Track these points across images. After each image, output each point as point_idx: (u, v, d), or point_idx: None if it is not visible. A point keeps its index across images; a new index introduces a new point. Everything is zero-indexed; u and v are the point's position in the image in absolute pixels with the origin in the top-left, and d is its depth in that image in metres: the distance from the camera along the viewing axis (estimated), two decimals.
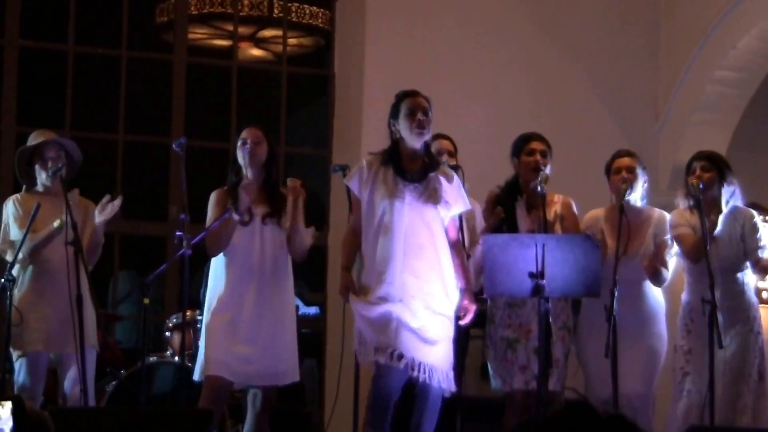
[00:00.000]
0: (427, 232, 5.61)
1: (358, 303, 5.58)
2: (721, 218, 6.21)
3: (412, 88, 5.78)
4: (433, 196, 5.63)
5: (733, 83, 8.41)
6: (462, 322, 5.69)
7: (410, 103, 5.64)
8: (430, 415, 5.58)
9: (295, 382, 6.04)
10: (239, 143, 6.02)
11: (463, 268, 5.72)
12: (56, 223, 5.99)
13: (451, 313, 5.62)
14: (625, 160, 6.33)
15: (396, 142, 5.69)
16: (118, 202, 6.13)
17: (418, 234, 5.58)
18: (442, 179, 5.69)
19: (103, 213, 6.10)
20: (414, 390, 5.63)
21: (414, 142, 5.65)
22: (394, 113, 5.70)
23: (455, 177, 5.75)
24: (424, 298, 5.54)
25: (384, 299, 5.52)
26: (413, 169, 5.65)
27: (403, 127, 5.64)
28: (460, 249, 5.75)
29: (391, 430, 5.62)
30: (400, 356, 5.47)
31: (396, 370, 5.49)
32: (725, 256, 6.18)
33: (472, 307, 5.67)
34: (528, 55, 8.53)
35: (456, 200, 5.70)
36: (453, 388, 5.58)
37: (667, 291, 6.40)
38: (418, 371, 5.48)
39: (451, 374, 5.58)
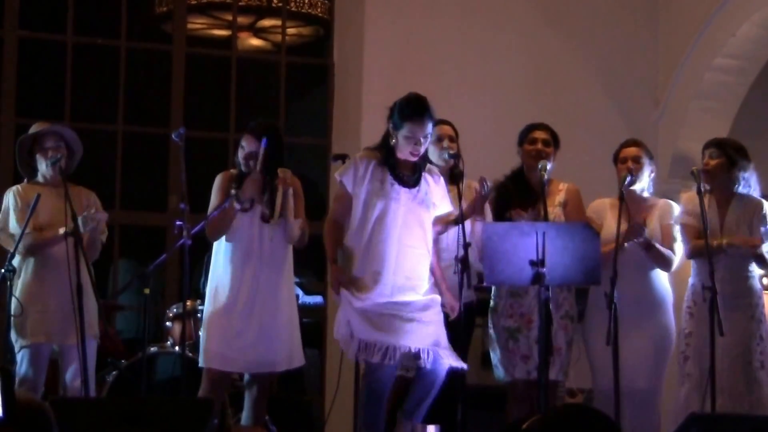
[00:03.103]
0: (419, 232, 5.70)
1: (351, 296, 5.61)
2: (731, 209, 6.21)
3: (417, 98, 5.69)
4: (425, 199, 5.72)
5: (733, 71, 8.41)
6: (452, 319, 5.73)
7: (412, 130, 5.63)
8: (431, 397, 5.61)
9: (295, 371, 6.05)
10: (240, 147, 5.98)
11: (439, 267, 5.82)
12: (62, 231, 5.93)
13: (438, 302, 5.70)
14: (632, 150, 6.32)
15: (391, 144, 5.71)
16: (101, 216, 6.08)
17: (411, 235, 5.68)
18: (430, 180, 5.78)
19: (86, 225, 6.03)
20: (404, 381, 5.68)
21: (406, 159, 5.70)
22: (396, 122, 5.68)
23: (441, 178, 5.84)
24: (415, 292, 5.63)
25: (375, 297, 5.59)
26: (408, 172, 5.71)
27: (399, 144, 5.67)
28: (436, 249, 5.85)
29: (386, 425, 5.66)
30: (395, 350, 5.51)
31: (386, 366, 5.53)
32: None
33: (456, 304, 5.71)
34: (528, 44, 8.53)
35: (441, 201, 5.80)
36: (462, 364, 5.61)
37: (675, 279, 6.39)
38: (421, 357, 5.52)
39: (453, 354, 5.61)
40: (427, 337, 5.59)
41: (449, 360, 5.60)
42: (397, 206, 5.66)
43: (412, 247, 5.66)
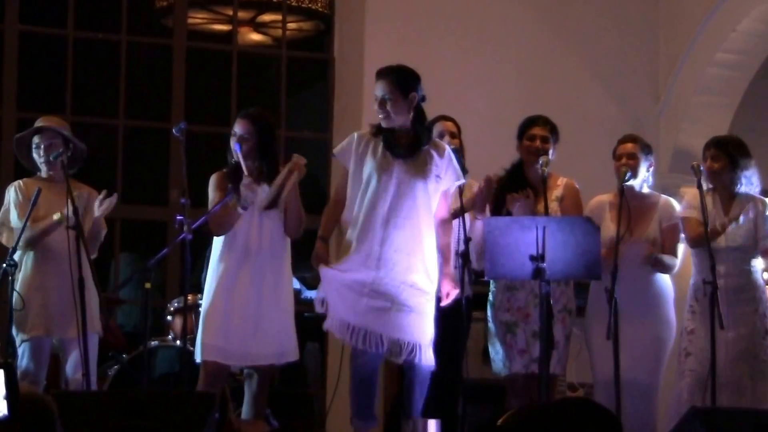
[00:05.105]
0: (412, 206, 5.61)
1: (329, 270, 5.59)
2: (735, 207, 6.22)
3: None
4: (421, 171, 5.64)
5: (734, 66, 8.41)
6: (442, 304, 5.71)
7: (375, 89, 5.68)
8: (419, 389, 5.60)
9: (295, 364, 6.06)
10: (231, 134, 5.97)
11: (447, 249, 5.74)
12: (56, 217, 5.98)
13: (431, 290, 5.64)
14: (628, 146, 6.31)
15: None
16: (114, 199, 6.14)
17: (402, 207, 5.59)
18: (434, 153, 5.70)
19: (100, 208, 6.11)
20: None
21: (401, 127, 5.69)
22: None
23: (447, 150, 5.76)
24: (404, 271, 5.57)
25: (358, 268, 5.55)
26: (403, 144, 5.66)
27: None
28: (447, 228, 5.77)
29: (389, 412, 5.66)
30: (372, 336, 5.49)
31: (369, 351, 5.52)
32: (734, 238, 6.18)
33: (454, 291, 5.69)
34: (528, 39, 8.53)
35: (446, 173, 5.72)
36: (431, 363, 5.59)
37: (676, 275, 6.38)
38: (396, 348, 5.51)
39: (430, 350, 5.59)
40: (406, 329, 5.56)
41: (418, 356, 5.55)
42: (388, 177, 5.59)
43: (404, 219, 5.58)
